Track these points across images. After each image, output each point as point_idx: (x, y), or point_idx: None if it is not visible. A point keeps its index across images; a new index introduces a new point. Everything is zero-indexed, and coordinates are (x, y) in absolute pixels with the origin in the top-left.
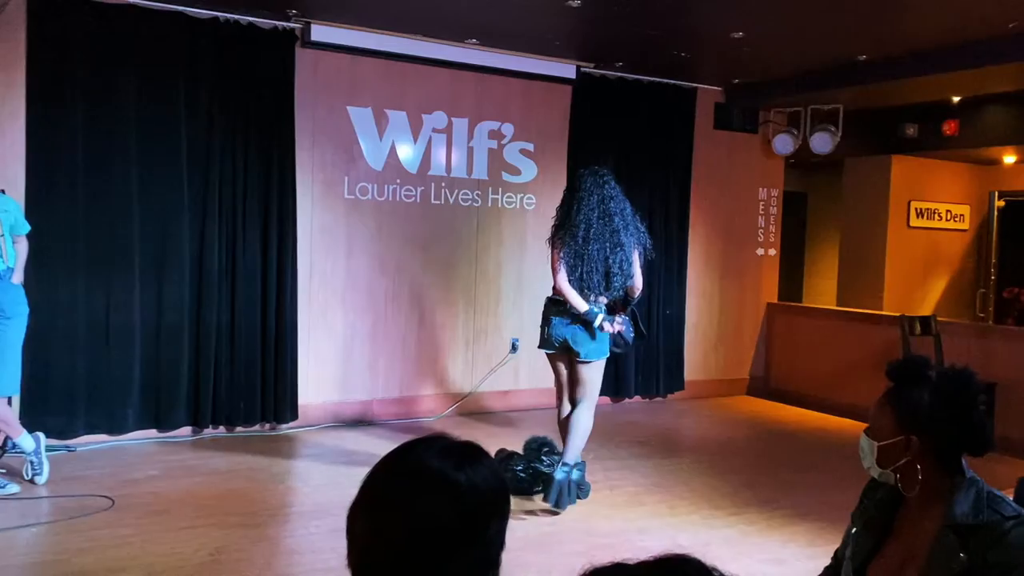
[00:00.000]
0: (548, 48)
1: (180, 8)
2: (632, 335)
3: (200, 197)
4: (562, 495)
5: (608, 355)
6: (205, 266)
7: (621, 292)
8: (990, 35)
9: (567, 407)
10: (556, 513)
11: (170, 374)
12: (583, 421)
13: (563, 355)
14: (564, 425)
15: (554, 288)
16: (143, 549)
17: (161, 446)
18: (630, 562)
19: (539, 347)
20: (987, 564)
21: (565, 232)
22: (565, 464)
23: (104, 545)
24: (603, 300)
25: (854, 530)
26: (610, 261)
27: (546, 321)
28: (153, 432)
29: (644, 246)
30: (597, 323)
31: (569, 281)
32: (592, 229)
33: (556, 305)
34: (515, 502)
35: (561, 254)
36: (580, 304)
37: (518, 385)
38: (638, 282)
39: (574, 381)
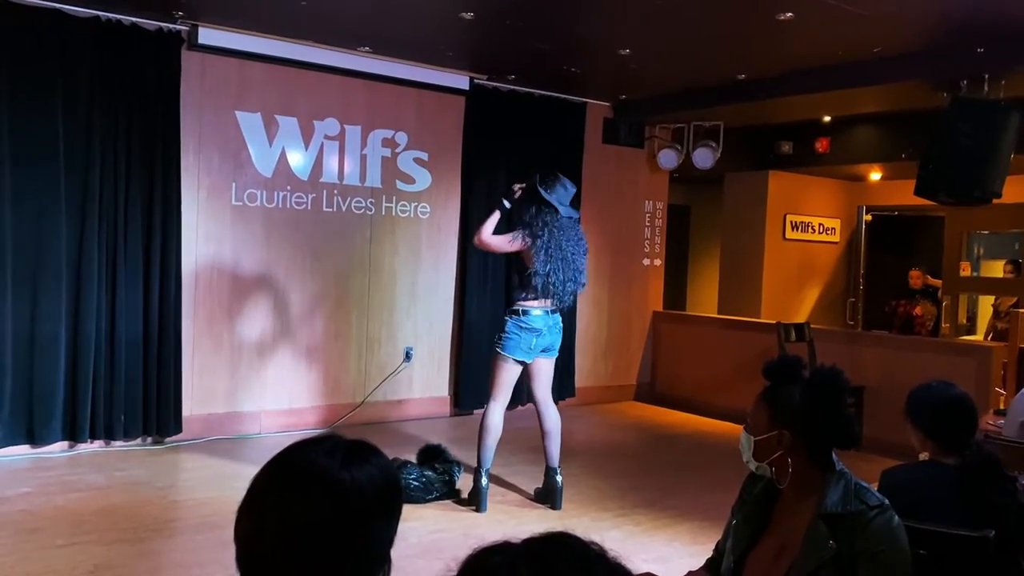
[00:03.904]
0: (441, 58)
1: (58, 6)
2: None
3: (79, 200)
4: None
5: (513, 353)
6: (84, 273)
7: (572, 299)
8: (857, 59)
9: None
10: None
11: (45, 386)
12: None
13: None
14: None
15: (481, 241)
16: (14, 569)
17: (34, 462)
18: (515, 540)
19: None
20: (854, 550)
21: (544, 241)
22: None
23: None
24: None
25: (734, 523)
26: (573, 274)
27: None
28: (26, 448)
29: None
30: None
31: (533, 283)
32: (568, 246)
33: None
34: (407, 510)
35: (534, 253)
36: (492, 222)
37: (412, 394)
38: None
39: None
